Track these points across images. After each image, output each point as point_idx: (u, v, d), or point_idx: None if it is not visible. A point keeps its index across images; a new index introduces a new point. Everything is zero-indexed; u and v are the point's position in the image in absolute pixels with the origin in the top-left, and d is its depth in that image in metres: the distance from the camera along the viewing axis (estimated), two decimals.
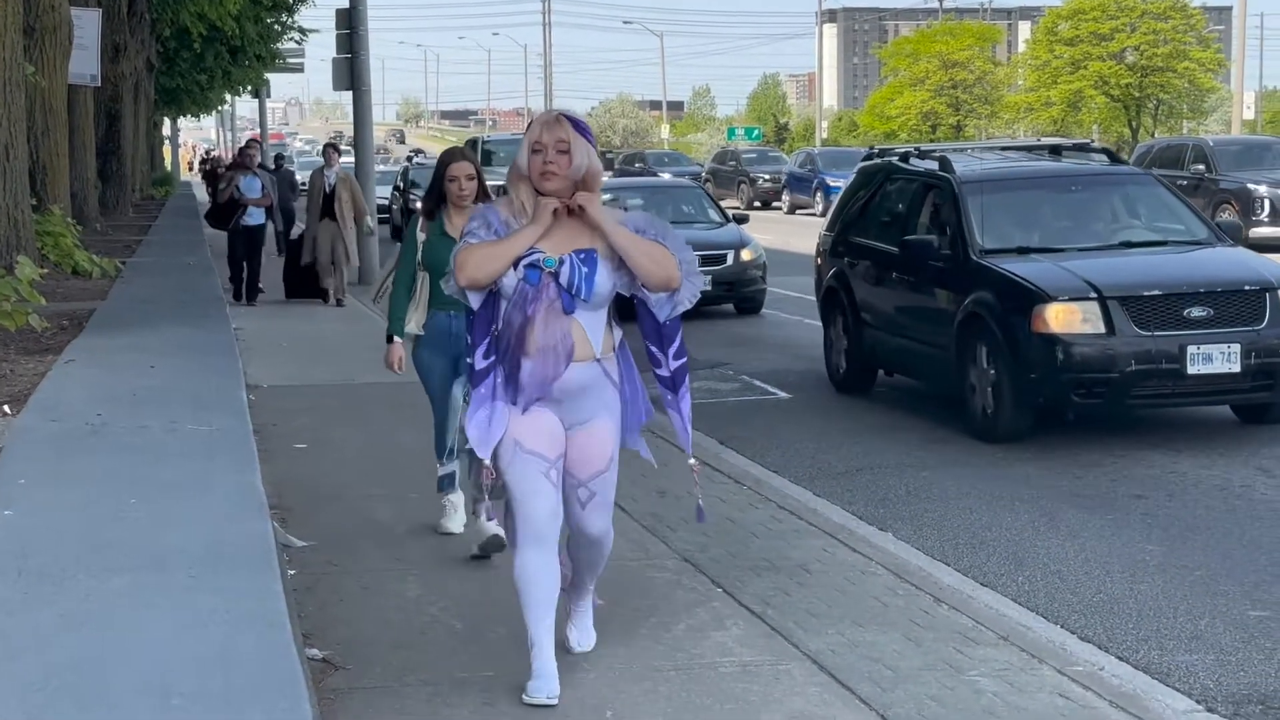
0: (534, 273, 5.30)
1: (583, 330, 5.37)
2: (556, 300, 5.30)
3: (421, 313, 7.62)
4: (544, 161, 5.32)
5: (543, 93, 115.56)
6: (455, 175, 7.42)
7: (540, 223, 5.34)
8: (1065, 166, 13.22)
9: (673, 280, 5.38)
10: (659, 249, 5.38)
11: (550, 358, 5.31)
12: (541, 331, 5.29)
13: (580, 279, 5.30)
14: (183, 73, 48.29)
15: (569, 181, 5.34)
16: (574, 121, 5.41)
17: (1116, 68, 74.66)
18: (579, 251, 5.33)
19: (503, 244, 5.33)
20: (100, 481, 7.17)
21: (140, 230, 29.11)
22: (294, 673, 4.65)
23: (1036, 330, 10.57)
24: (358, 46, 23.26)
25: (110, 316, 14.15)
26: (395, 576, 7.07)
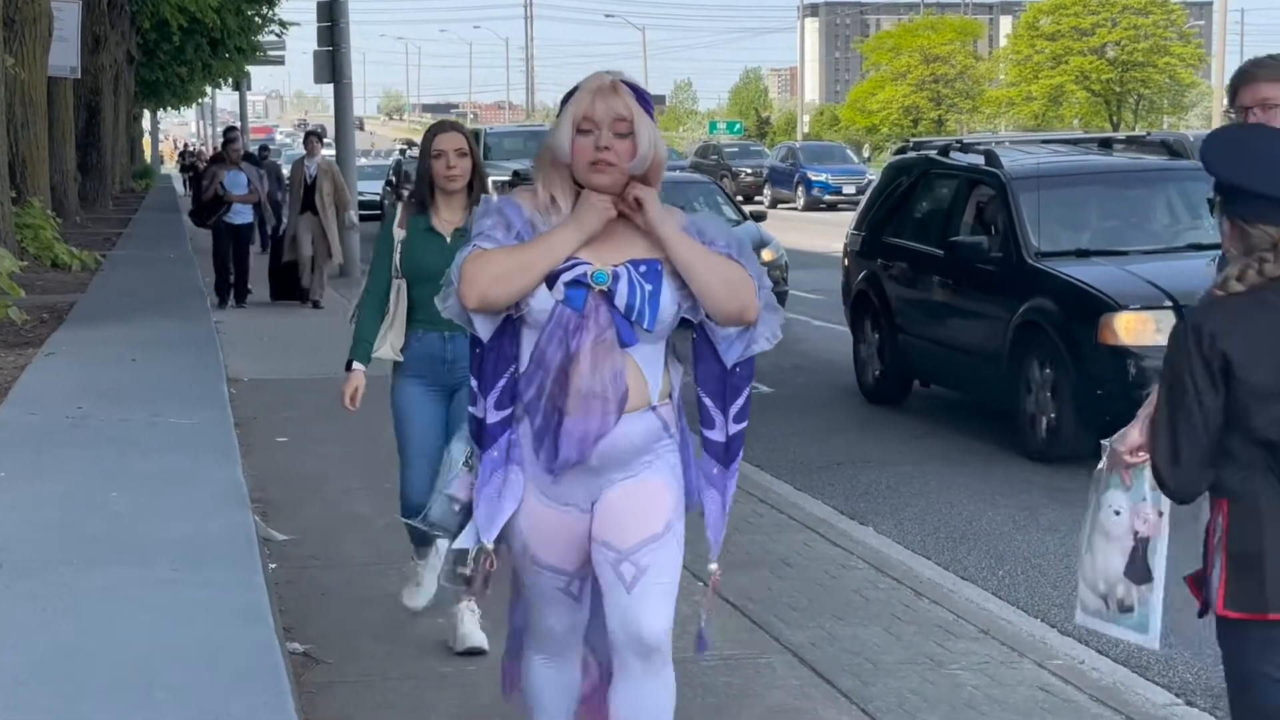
0: (579, 292, 3.82)
1: (639, 370, 3.90)
2: (609, 330, 3.83)
3: (399, 332, 5.96)
4: (597, 147, 3.81)
5: (524, 86, 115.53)
6: (443, 149, 5.88)
7: (585, 225, 3.84)
8: (1122, 161, 12.21)
9: (748, 311, 3.88)
10: (735, 268, 3.88)
11: (596, 408, 3.83)
12: (588, 373, 3.82)
13: (642, 300, 3.83)
14: (163, 65, 48.10)
15: (626, 176, 3.85)
16: (636, 91, 3.89)
17: (1097, 63, 74.91)
18: (636, 263, 3.87)
19: (532, 250, 3.82)
20: (81, 475, 7.16)
21: (120, 223, 29.05)
22: (276, 666, 4.65)
23: (1104, 341, 9.63)
24: (339, 39, 23.20)
25: (90, 309, 14.12)
26: (377, 570, 7.07)
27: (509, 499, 3.98)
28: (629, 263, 3.87)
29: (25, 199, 20.05)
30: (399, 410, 6.04)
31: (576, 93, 3.89)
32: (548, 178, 3.93)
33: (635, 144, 3.83)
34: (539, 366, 3.86)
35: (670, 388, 4.04)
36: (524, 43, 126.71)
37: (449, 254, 5.35)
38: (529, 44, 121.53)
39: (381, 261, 6.03)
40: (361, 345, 6.04)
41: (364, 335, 6.04)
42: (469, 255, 3.84)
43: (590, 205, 3.85)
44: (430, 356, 5.93)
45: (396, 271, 5.96)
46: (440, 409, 5.99)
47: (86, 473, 7.20)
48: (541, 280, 3.82)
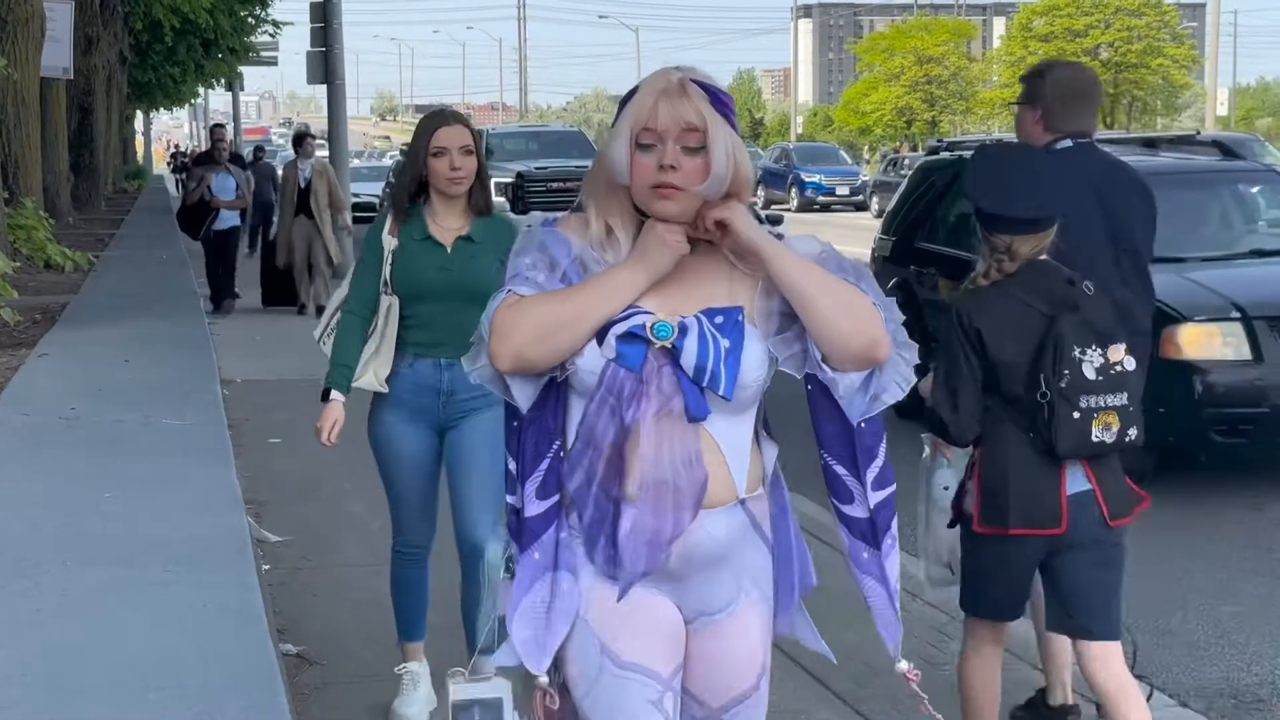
0: (636, 349, 2.97)
1: (719, 450, 3.04)
2: (676, 398, 2.98)
3: (386, 358, 5.12)
4: (660, 165, 2.94)
5: (518, 86, 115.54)
6: (444, 146, 5.01)
7: (652, 264, 2.97)
8: (1173, 162, 11.29)
9: (878, 347, 3.00)
10: (857, 293, 3.02)
11: (667, 501, 2.98)
12: (652, 454, 2.97)
13: (717, 360, 2.97)
14: (155, 66, 48.09)
15: (698, 202, 2.97)
16: (710, 92, 3.03)
17: (1091, 64, 74.86)
18: (711, 312, 3.00)
19: (583, 297, 2.96)
20: (74, 475, 7.15)
21: (113, 224, 29.02)
22: (270, 667, 4.64)
23: (1167, 356, 8.82)
24: (332, 40, 23.19)
25: (83, 310, 14.11)
26: (370, 571, 7.05)
27: (560, 619, 3.06)
28: (702, 313, 2.98)
29: (18, 200, 20.05)
30: (383, 449, 5.25)
31: (635, 94, 3.01)
32: (602, 203, 3.04)
33: (709, 161, 2.94)
34: (588, 444, 2.98)
35: (763, 473, 3.19)
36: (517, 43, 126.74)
37: (451, 266, 5.05)
38: (522, 45, 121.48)
39: (367, 274, 5.17)
40: (341, 371, 5.15)
41: (343, 358, 5.15)
42: (503, 303, 2.97)
43: (657, 239, 2.97)
44: (422, 388, 5.11)
45: (386, 286, 5.11)
46: (433, 446, 5.20)
47: (79, 473, 7.19)
48: (593, 334, 2.95)
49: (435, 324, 5.05)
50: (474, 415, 5.09)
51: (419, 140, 5.11)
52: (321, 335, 5.37)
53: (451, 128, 5.07)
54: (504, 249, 4.66)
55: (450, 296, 5.02)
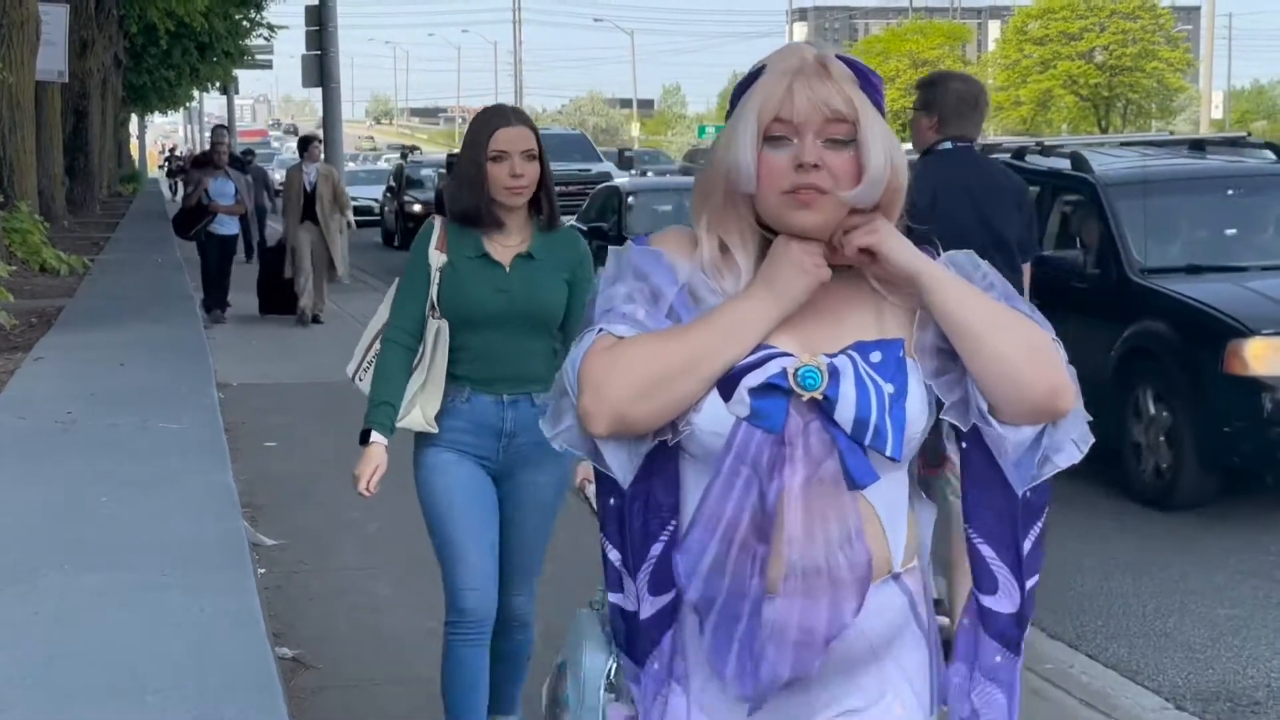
0: (776, 404, 2.31)
1: (877, 520, 2.40)
2: (829, 460, 2.33)
3: (435, 392, 4.41)
4: (799, 164, 2.30)
5: (513, 90, 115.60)
6: (505, 150, 4.31)
7: (784, 292, 2.33)
8: (1227, 165, 10.73)
9: (1060, 398, 2.36)
10: (1035, 329, 2.39)
11: (821, 592, 2.34)
12: (801, 535, 2.32)
13: (880, 410, 2.33)
14: (150, 69, 48.09)
15: (844, 211, 2.34)
16: (858, 71, 2.39)
17: (1086, 67, 75.07)
18: (863, 347, 2.36)
19: (700, 337, 2.31)
20: (71, 479, 7.15)
21: (108, 227, 29.01)
22: (267, 671, 4.65)
23: (1232, 371, 8.37)
24: (327, 43, 23.19)
25: (79, 314, 14.10)
26: (366, 575, 7.06)
27: None
28: (853, 349, 2.33)
29: (13, 203, 20.04)
30: (438, 501, 4.47)
31: (761, 76, 2.36)
32: (716, 216, 2.39)
33: (862, 158, 2.30)
34: (713, 526, 2.31)
35: (920, 540, 2.55)
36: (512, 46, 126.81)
37: (509, 288, 4.38)
38: (517, 48, 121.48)
39: (411, 295, 4.44)
40: (382, 409, 4.42)
41: (385, 393, 4.42)
42: (595, 347, 2.30)
43: (791, 262, 2.32)
44: (482, 428, 4.43)
45: (434, 309, 4.40)
46: (493, 495, 4.52)
47: (76, 477, 7.18)
48: (713, 383, 2.29)
49: (491, 354, 4.40)
50: (536, 468, 4.48)
51: (474, 141, 4.37)
52: (357, 371, 4.65)
53: (513, 128, 4.35)
54: (570, 268, 4.44)
55: (508, 322, 4.38)
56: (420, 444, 4.52)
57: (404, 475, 8.48)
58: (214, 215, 17.08)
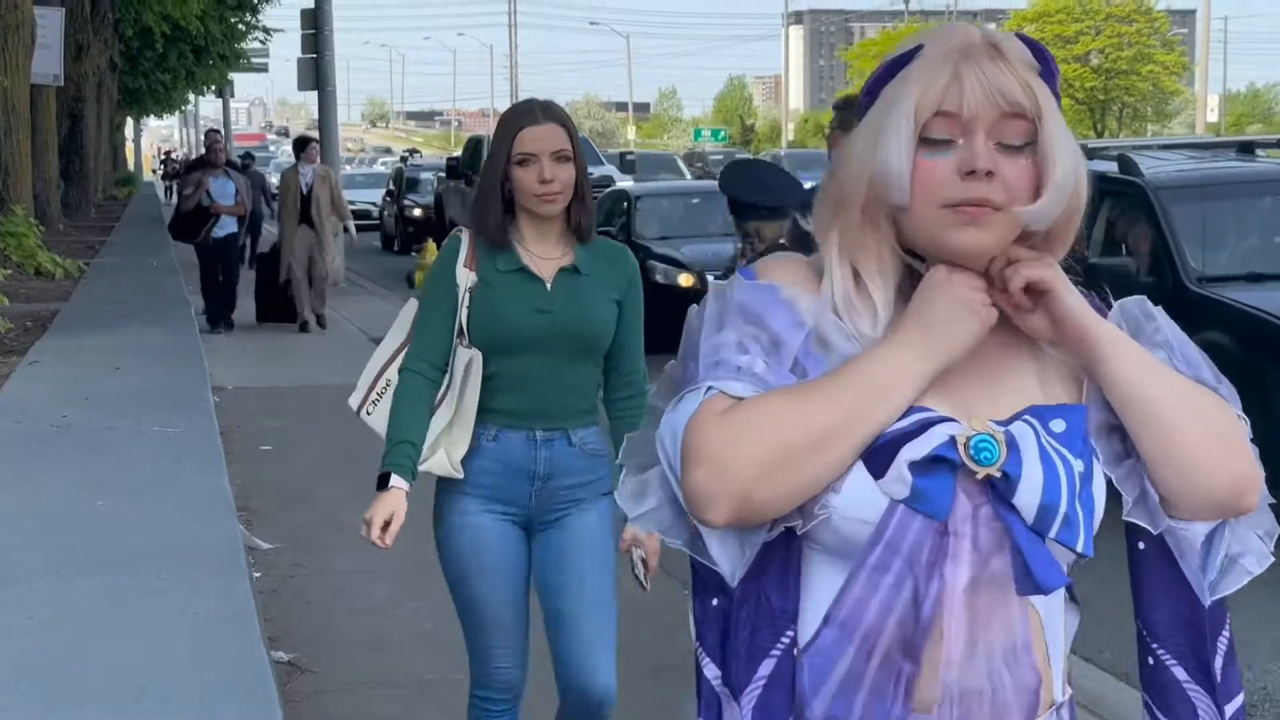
0: (942, 482, 1.80)
1: (1042, 634, 2.02)
2: (997, 556, 1.86)
3: (463, 431, 3.84)
4: (968, 169, 1.80)
5: (509, 93, 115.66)
6: (532, 152, 3.80)
7: (945, 339, 1.83)
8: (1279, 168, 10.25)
9: (1247, 494, 1.98)
10: (1219, 406, 1.99)
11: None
12: (961, 649, 1.85)
13: (1070, 494, 1.84)
14: (146, 72, 48.10)
15: (1017, 229, 1.84)
16: (1037, 52, 1.96)
17: (1081, 70, 75.14)
18: (1039, 412, 1.85)
19: (836, 396, 1.79)
20: (66, 483, 7.14)
21: (103, 231, 29.00)
22: (264, 674, 4.64)
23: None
24: (323, 46, 23.18)
25: (74, 317, 14.09)
26: (363, 578, 7.05)
27: None
28: (1028, 414, 1.83)
29: (8, 207, 20.03)
30: (462, 557, 3.91)
31: (915, 61, 1.84)
32: (849, 238, 1.87)
33: (1043, 166, 1.84)
34: (849, 636, 1.84)
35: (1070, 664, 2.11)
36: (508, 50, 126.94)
37: (551, 307, 3.82)
38: (513, 51, 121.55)
39: (437, 319, 3.87)
40: (402, 450, 3.81)
41: (405, 432, 3.82)
42: (705, 411, 1.78)
43: (954, 296, 1.82)
44: (510, 470, 3.86)
45: (463, 335, 3.84)
46: (523, 550, 3.95)
47: (71, 481, 7.17)
48: (859, 453, 1.78)
49: (526, 384, 3.83)
50: (577, 510, 3.92)
51: (499, 142, 3.86)
52: (364, 404, 4.04)
53: (542, 126, 3.82)
54: (620, 286, 3.92)
55: (549, 348, 3.82)
56: (442, 490, 3.93)
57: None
58: (217, 217, 16.34)
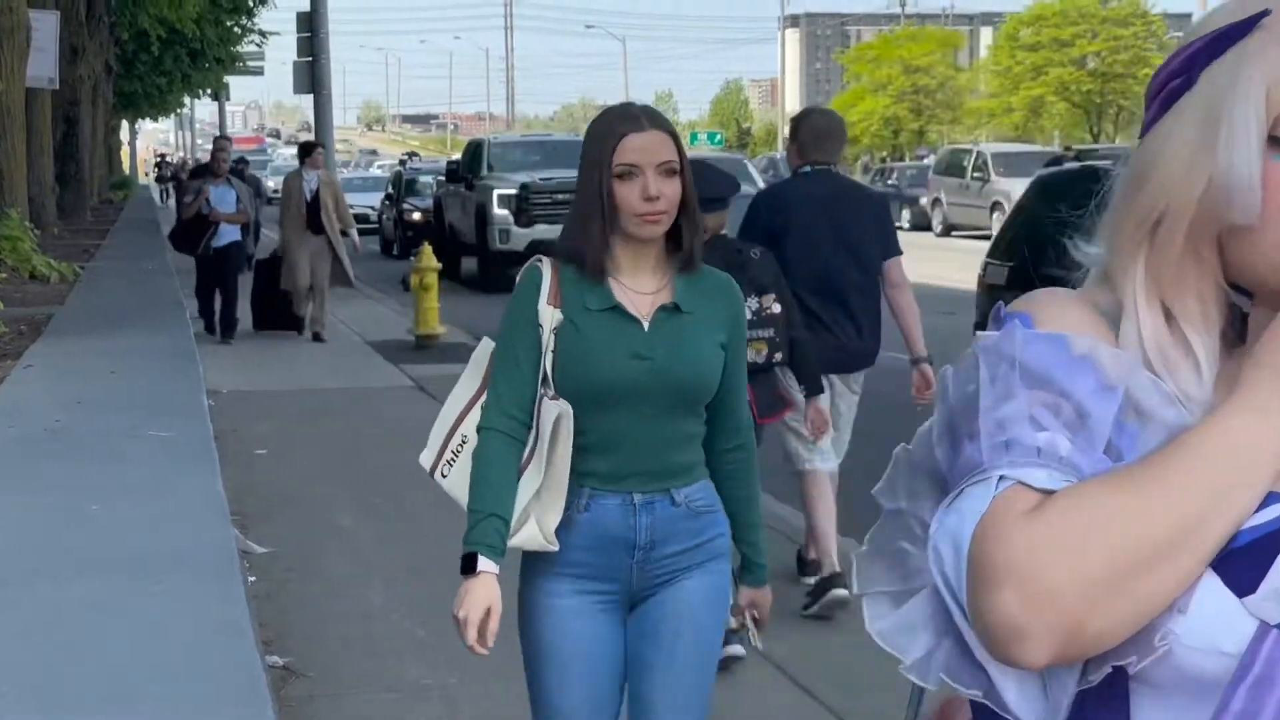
0: None
1: None
2: None
3: (555, 498, 3.30)
4: None
5: (505, 96, 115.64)
6: (635, 163, 3.27)
7: None
8: None
9: None
10: None
11: None
12: None
13: None
14: (141, 76, 48.17)
15: None
16: None
17: (1078, 74, 75.20)
18: None
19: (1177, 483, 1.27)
20: (60, 487, 7.12)
21: (99, 234, 28.97)
22: (257, 680, 4.61)
23: None
24: (318, 50, 23.21)
25: (69, 321, 14.06)
26: (357, 583, 7.03)
27: None
28: None
29: (3, 210, 20.00)
30: (537, 644, 3.43)
31: (1254, 34, 1.39)
32: (1166, 269, 1.43)
33: None
34: None
35: None
36: (504, 53, 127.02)
37: (652, 352, 3.29)
38: (509, 54, 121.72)
39: (517, 366, 3.32)
40: (490, 525, 3.27)
41: (491, 502, 3.29)
42: (1002, 512, 1.32)
43: None
44: (605, 541, 3.34)
45: (548, 384, 3.30)
46: (619, 635, 3.44)
47: (65, 485, 7.15)
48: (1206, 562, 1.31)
49: (621, 441, 3.32)
50: (685, 576, 3.42)
51: (595, 151, 3.32)
52: (438, 465, 3.51)
53: (645, 134, 3.28)
54: (727, 324, 3.40)
55: (648, 399, 3.30)
56: (528, 565, 3.41)
57: (391, 489, 8.46)
58: (217, 226, 16.00)
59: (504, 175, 24.25)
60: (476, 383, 3.48)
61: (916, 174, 43.05)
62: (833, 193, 6.79)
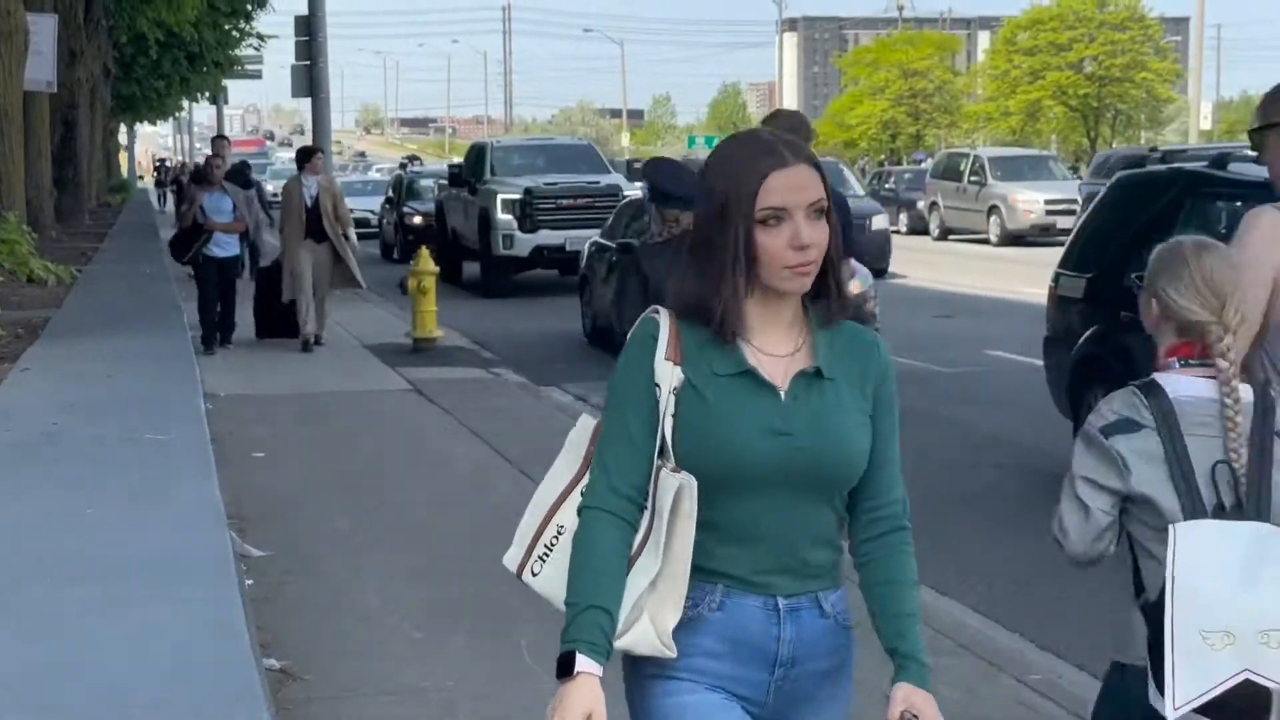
0: None
1: None
2: None
3: (675, 594, 2.74)
4: None
5: (503, 100, 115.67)
6: (783, 205, 2.70)
7: None
8: None
9: None
10: None
11: None
12: None
13: None
14: (140, 79, 48.16)
15: None
16: None
17: (1075, 78, 75.20)
18: None
19: None
20: (56, 491, 7.12)
21: (96, 237, 28.99)
22: (253, 683, 4.62)
23: None
24: (316, 53, 23.19)
25: (66, 324, 14.06)
26: (354, 586, 7.03)
27: None
28: None
29: (1, 214, 20.00)
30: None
31: None
32: None
33: None
34: None
35: None
36: (502, 56, 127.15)
37: (791, 427, 2.73)
38: (507, 58, 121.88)
39: (628, 431, 2.76)
40: (592, 619, 2.70)
41: (593, 592, 2.72)
42: None
43: None
44: (741, 650, 2.78)
45: (667, 455, 2.74)
46: None
47: (62, 489, 7.15)
48: None
49: (759, 531, 2.76)
50: (817, 708, 2.89)
51: (733, 191, 2.70)
52: (527, 562, 2.91)
53: (792, 170, 2.69)
54: (870, 386, 2.84)
55: (791, 483, 2.74)
56: (641, 670, 2.81)
57: (388, 492, 8.44)
58: (210, 235, 15.33)
59: (507, 179, 24.02)
60: (575, 466, 2.91)
61: (914, 178, 43.02)
62: None
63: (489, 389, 13.39)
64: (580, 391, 13.08)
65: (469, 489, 8.94)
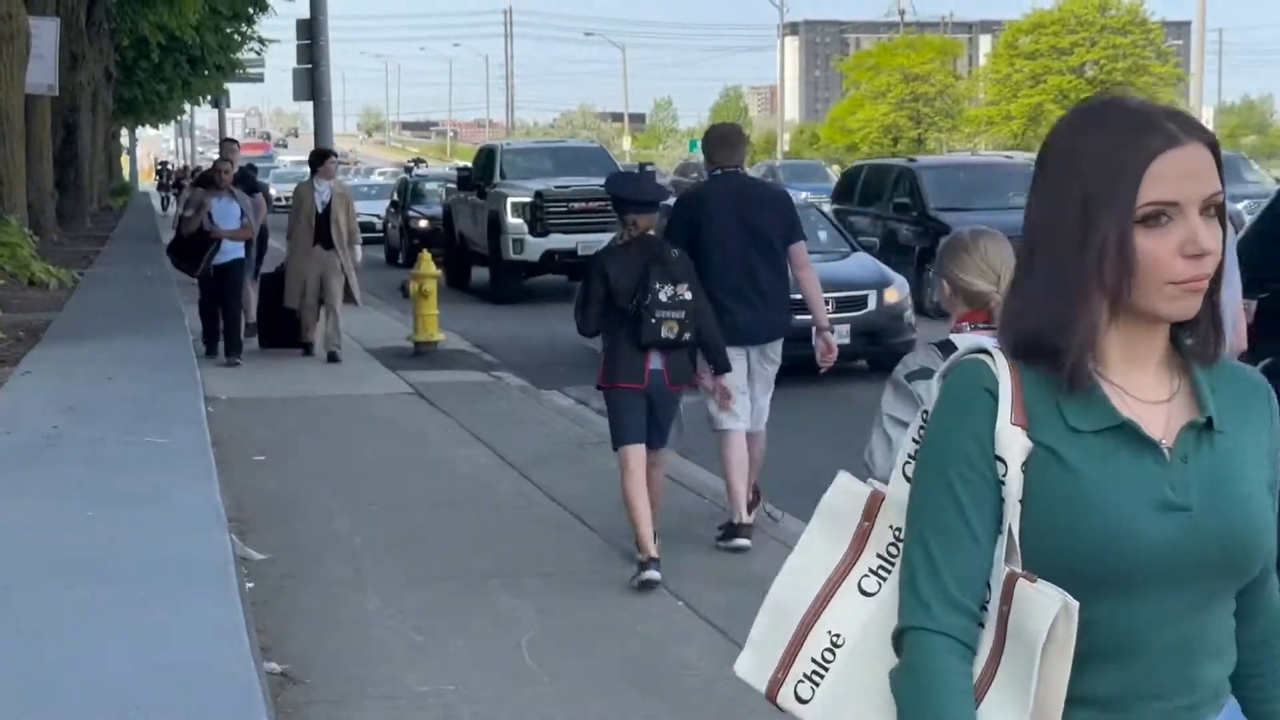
0: None
1: None
2: None
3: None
4: None
5: (504, 104, 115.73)
6: (1175, 199, 1.98)
7: None
8: None
9: None
10: None
11: None
12: None
13: None
14: (141, 82, 48.17)
15: None
16: None
17: (1076, 82, 75.25)
18: None
19: None
20: (57, 494, 7.12)
21: (98, 241, 28.99)
22: (252, 686, 4.62)
23: None
24: (318, 57, 23.18)
25: (67, 327, 14.06)
26: (354, 589, 7.03)
27: None
28: None
29: (2, 217, 20.00)
30: None
31: None
32: None
33: None
34: None
35: None
36: (504, 60, 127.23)
37: (1187, 498, 2.03)
38: (509, 61, 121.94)
39: (958, 518, 2.05)
40: None
41: None
42: None
43: None
44: None
45: (1014, 556, 2.02)
46: None
47: (62, 492, 7.15)
48: None
49: (1146, 645, 2.05)
50: None
51: (1088, 178, 2.02)
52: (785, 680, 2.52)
53: (1186, 150, 1.99)
54: (1266, 437, 2.15)
55: (1188, 573, 2.04)
56: None
57: (388, 495, 8.42)
58: (218, 244, 14.75)
59: (517, 183, 23.45)
60: (841, 548, 2.30)
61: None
62: (739, 190, 8.06)
63: (490, 392, 13.39)
64: (582, 395, 13.08)
65: (470, 492, 8.93)
